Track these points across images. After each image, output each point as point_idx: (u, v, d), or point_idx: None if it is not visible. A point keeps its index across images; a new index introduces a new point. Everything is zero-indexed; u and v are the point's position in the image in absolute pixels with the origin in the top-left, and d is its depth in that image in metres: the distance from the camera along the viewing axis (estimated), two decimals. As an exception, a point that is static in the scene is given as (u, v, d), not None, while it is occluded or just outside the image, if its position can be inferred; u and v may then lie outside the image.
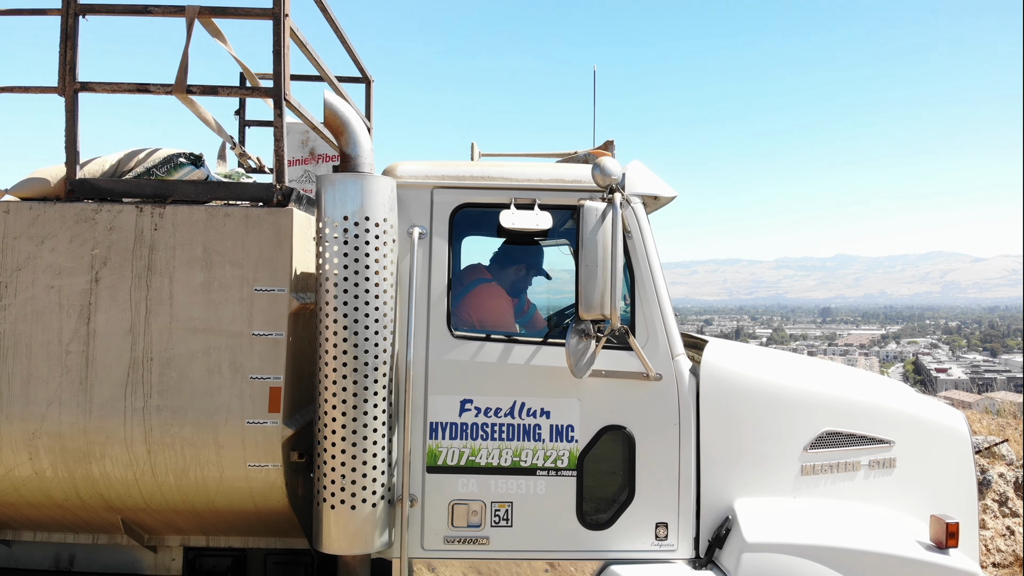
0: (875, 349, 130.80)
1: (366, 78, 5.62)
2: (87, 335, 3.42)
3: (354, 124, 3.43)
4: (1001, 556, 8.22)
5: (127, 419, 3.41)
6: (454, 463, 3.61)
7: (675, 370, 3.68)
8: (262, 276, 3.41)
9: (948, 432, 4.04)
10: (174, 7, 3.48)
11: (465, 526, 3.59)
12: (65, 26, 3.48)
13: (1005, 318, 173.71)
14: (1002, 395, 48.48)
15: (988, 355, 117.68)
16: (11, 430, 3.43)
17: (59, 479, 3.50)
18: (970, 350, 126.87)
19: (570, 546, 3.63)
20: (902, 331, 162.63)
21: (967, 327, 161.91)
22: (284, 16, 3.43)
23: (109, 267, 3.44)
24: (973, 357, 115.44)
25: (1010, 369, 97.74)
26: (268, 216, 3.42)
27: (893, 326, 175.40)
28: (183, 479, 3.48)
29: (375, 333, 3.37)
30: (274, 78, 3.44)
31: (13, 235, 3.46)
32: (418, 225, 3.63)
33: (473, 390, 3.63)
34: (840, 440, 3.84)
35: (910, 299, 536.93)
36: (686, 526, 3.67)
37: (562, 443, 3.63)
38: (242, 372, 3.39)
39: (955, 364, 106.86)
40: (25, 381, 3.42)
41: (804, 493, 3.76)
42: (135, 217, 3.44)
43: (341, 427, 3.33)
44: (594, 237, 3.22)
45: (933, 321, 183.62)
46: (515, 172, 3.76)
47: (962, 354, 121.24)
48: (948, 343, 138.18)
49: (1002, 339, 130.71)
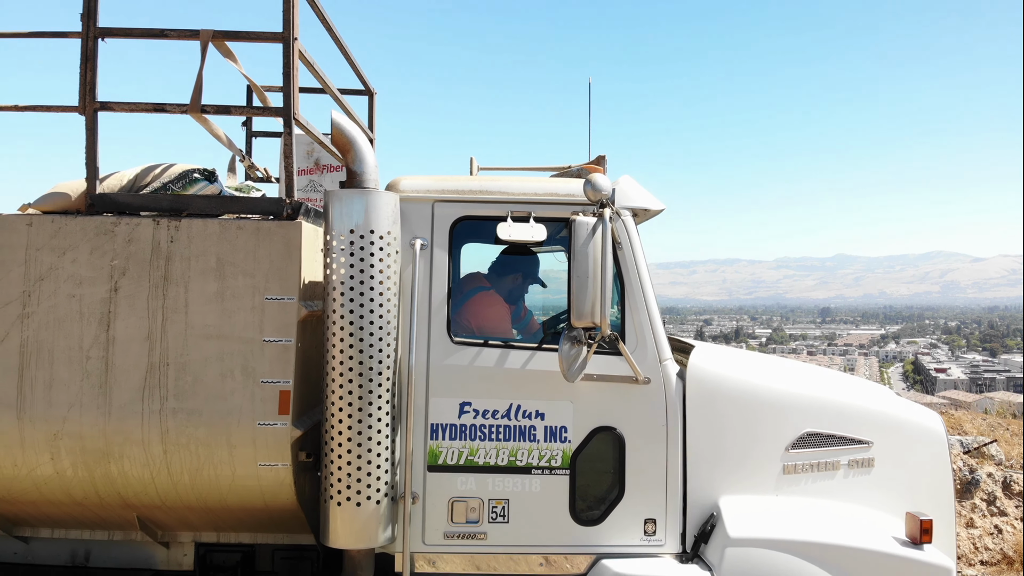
0: (875, 349, 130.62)
1: (368, 90, 5.79)
2: (107, 341, 3.57)
3: (360, 142, 3.60)
4: (989, 554, 8.36)
5: (144, 421, 3.56)
6: (454, 462, 3.77)
7: (663, 374, 3.83)
8: (272, 286, 3.57)
9: (924, 432, 4.20)
10: (189, 31, 3.66)
11: (464, 522, 3.75)
12: (85, 49, 3.66)
13: (1005, 318, 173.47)
14: (1001, 395, 48.23)
15: (987, 355, 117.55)
16: (34, 432, 3.57)
17: (79, 478, 3.65)
18: (969, 350, 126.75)
19: (564, 541, 3.78)
20: (901, 331, 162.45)
21: (966, 327, 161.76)
22: (293, 39, 3.61)
23: (128, 277, 3.59)
24: (972, 357, 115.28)
25: (1009, 369, 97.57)
26: (278, 229, 3.59)
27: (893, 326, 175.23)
28: (197, 477, 3.63)
29: (379, 339, 3.54)
30: (284, 98, 3.62)
31: (36, 247, 3.61)
32: (420, 237, 3.80)
33: (472, 393, 3.79)
34: (820, 441, 3.99)
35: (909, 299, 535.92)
36: (673, 522, 3.82)
37: (556, 443, 3.80)
38: (254, 376, 3.55)
39: (954, 364, 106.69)
40: (47, 385, 3.57)
41: (786, 492, 3.92)
42: (152, 230, 3.61)
43: (347, 428, 3.50)
44: (585, 250, 3.40)
45: (932, 321, 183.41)
46: (512, 186, 3.92)
47: (961, 354, 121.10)
48: (947, 343, 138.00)
49: (1001, 339, 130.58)
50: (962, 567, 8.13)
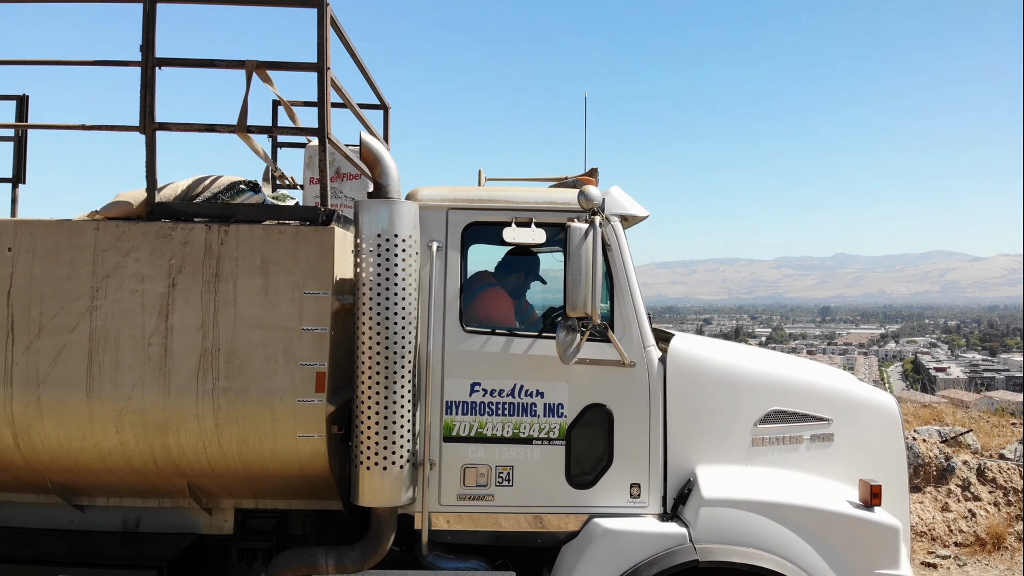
0: (874, 348, 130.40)
1: (384, 105, 6.30)
2: (166, 330, 4.00)
3: (385, 158, 4.13)
4: (963, 536, 8.81)
5: (199, 399, 3.98)
6: (465, 434, 4.25)
7: (646, 358, 4.31)
8: (310, 282, 4.02)
9: (880, 411, 4.65)
10: (236, 61, 4.12)
11: (474, 486, 4.22)
12: (145, 76, 4.09)
13: (1004, 317, 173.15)
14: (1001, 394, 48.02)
15: (987, 354, 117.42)
16: (102, 408, 4.01)
17: (140, 449, 4.09)
18: (969, 349, 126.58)
19: (560, 502, 4.25)
20: (901, 330, 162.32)
21: (966, 326, 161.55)
22: (326, 69, 4.07)
23: (184, 274, 4.02)
24: (972, 356, 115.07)
25: (1009, 368, 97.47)
26: (314, 233, 4.06)
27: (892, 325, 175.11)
28: (244, 448, 4.07)
29: (402, 328, 4.00)
30: (319, 120, 4.07)
31: (103, 248, 4.05)
32: (436, 240, 4.27)
33: (481, 375, 4.25)
34: (786, 417, 4.44)
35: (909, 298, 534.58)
36: (655, 486, 4.29)
37: (553, 418, 4.26)
38: (294, 360, 3.99)
39: (954, 363, 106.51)
40: (114, 368, 4.00)
41: (754, 462, 4.38)
42: (205, 234, 4.05)
43: (375, 403, 3.97)
44: (579, 251, 3.89)
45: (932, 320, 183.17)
46: (515, 196, 4.41)
47: (961, 353, 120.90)
48: (947, 342, 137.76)
49: (1001, 338, 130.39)
50: (937, 548, 8.64)
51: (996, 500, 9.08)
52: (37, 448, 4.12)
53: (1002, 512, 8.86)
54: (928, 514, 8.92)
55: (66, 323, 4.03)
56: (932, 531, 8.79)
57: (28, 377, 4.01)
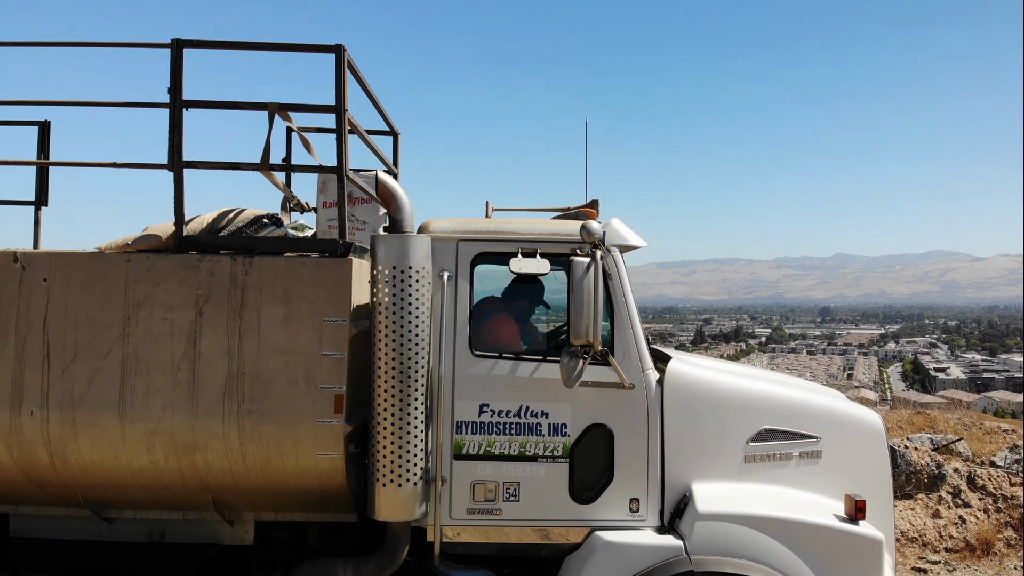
0: (874, 349, 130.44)
1: (393, 132, 6.48)
2: (194, 356, 4.19)
3: (400, 194, 4.39)
4: (953, 542, 9.01)
5: (225, 420, 4.18)
6: (475, 452, 4.47)
7: (645, 381, 4.53)
8: (329, 310, 4.21)
9: (866, 429, 4.87)
10: (259, 103, 4.34)
11: (483, 501, 4.45)
12: (172, 117, 4.29)
13: (1004, 318, 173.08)
14: (1001, 395, 47.76)
15: (987, 354, 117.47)
16: (133, 429, 4.22)
17: (169, 467, 4.30)
18: (969, 349, 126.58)
19: (564, 516, 4.47)
20: (901, 330, 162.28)
21: (966, 326, 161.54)
22: (344, 110, 4.30)
23: (210, 304, 4.21)
24: (972, 356, 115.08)
25: (1009, 369, 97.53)
26: (333, 265, 4.28)
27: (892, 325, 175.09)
28: (267, 465, 4.27)
29: (415, 353, 4.24)
30: (337, 158, 4.31)
31: (134, 279, 4.25)
32: (447, 269, 4.49)
33: (489, 396, 4.46)
34: (776, 435, 4.66)
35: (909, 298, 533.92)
36: (653, 501, 4.52)
37: (558, 437, 4.46)
38: (314, 383, 4.19)
39: (954, 364, 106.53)
40: (145, 392, 4.20)
41: (746, 478, 4.61)
42: (230, 265, 4.24)
43: (390, 424, 4.20)
44: (581, 284, 4.13)
45: (932, 320, 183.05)
46: (521, 227, 4.64)
47: (961, 353, 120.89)
48: (947, 342, 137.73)
49: (1001, 339, 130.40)
50: (928, 554, 8.87)
51: (986, 507, 9.28)
52: (71, 466, 4.34)
53: (991, 519, 9.08)
54: (919, 520, 9.14)
55: (99, 349, 4.24)
56: (923, 537, 9.02)
57: (63, 400, 4.23)
